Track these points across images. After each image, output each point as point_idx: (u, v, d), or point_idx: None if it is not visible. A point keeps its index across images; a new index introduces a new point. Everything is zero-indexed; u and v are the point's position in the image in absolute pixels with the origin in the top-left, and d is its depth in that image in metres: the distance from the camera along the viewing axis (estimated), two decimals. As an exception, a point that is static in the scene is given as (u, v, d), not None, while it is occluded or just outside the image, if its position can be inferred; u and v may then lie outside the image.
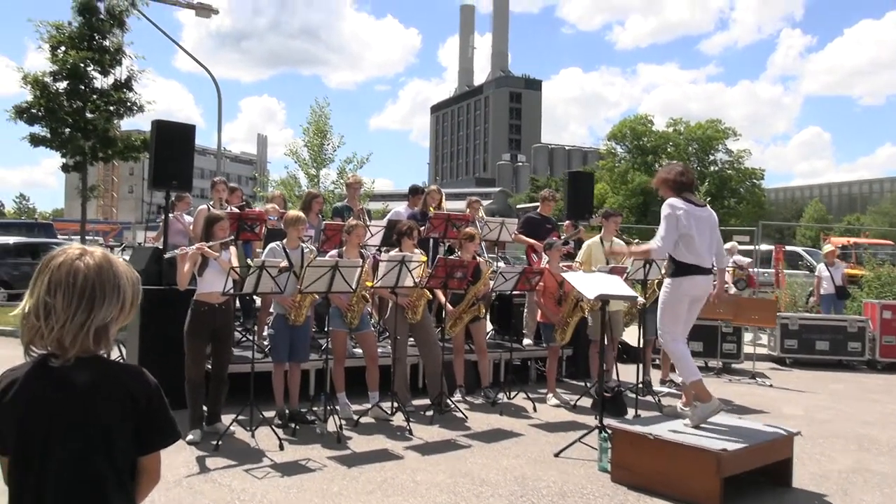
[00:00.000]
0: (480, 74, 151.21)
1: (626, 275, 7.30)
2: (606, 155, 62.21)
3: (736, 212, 53.26)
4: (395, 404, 6.80)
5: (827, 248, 13.29)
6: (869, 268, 15.10)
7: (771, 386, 9.50)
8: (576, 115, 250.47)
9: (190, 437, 5.78)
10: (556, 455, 5.70)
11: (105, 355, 1.81)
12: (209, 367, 6.20)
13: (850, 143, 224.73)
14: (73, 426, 1.73)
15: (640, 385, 8.26)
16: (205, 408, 6.07)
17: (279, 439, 5.77)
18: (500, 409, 7.30)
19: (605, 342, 6.04)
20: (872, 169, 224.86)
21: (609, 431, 5.35)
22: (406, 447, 5.88)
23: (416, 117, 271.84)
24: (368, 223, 8.38)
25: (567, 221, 9.61)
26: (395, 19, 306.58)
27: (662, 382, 8.90)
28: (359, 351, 7.44)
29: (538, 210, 9.41)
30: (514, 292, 7.95)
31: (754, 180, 58.78)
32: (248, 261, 6.53)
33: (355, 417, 6.63)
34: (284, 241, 6.52)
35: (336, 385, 6.88)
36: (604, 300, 5.67)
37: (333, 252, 6.88)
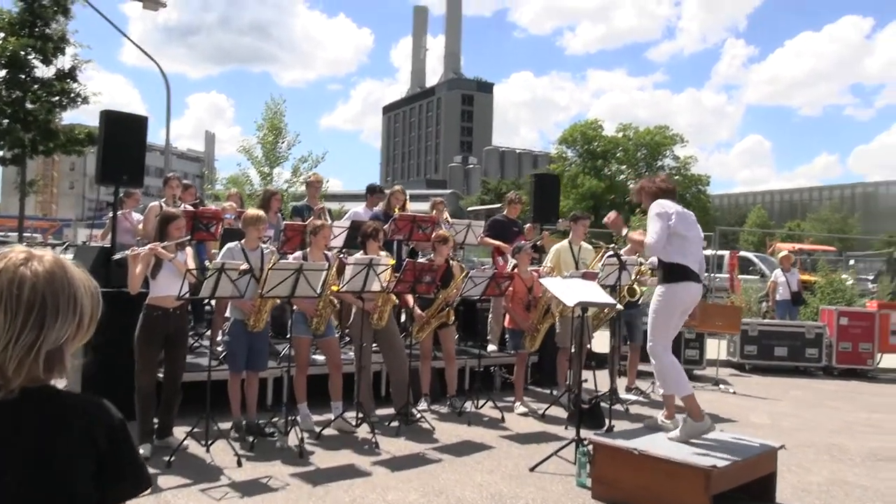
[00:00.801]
0: (433, 76, 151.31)
1: (597, 280, 7.12)
2: (557, 159, 62.68)
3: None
4: (360, 415, 6.47)
5: (782, 253, 13.41)
6: (821, 274, 15.32)
7: (734, 393, 9.46)
8: (526, 118, 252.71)
9: (140, 452, 5.35)
10: (532, 469, 5.45)
11: (57, 384, 1.47)
12: (161, 375, 5.78)
13: (789, 152, 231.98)
14: (18, 475, 1.38)
15: (609, 393, 8.13)
16: (156, 420, 5.65)
17: (237, 454, 5.38)
18: (467, 419, 7.02)
19: (580, 349, 5.83)
20: (810, 177, 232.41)
21: (588, 445, 5.13)
22: (373, 462, 5.56)
23: (367, 117, 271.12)
24: (329, 223, 8.02)
25: (528, 224, 9.40)
26: (348, 18, 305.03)
27: (628, 390, 8.75)
28: (319, 358, 7.09)
29: (504, 213, 9.18)
30: (479, 297, 7.71)
31: (700, 186, 59.87)
32: (207, 262, 6.11)
33: (317, 430, 6.28)
34: (243, 241, 6.13)
35: (297, 395, 6.51)
36: (584, 307, 5.44)
37: (297, 254, 6.52)
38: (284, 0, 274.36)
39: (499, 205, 8.99)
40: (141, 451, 5.27)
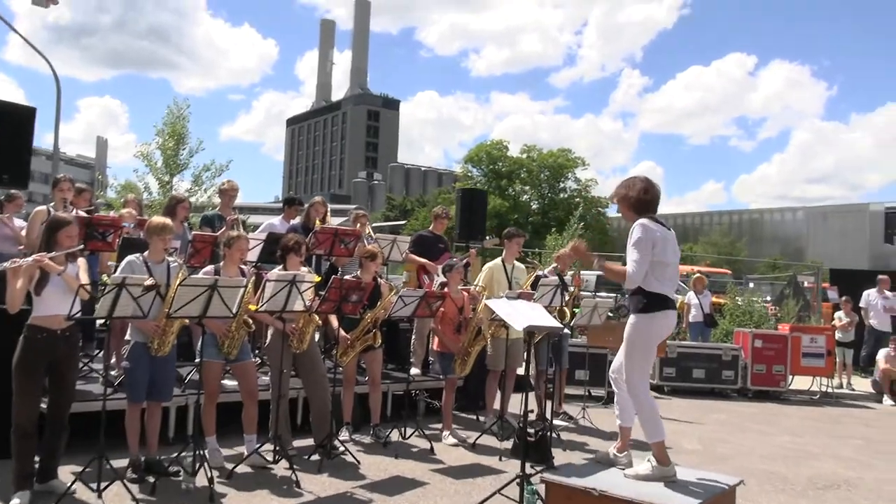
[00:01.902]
0: (338, 91, 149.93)
1: (532, 300, 6.73)
2: (462, 177, 63.01)
3: (584, 238, 55.46)
4: (276, 448, 5.78)
5: (695, 276, 13.54)
6: (731, 296, 15.61)
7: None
8: (431, 136, 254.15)
9: (15, 501, 4.52)
10: (473, 510, 4.95)
11: None
12: (45, 407, 4.94)
13: (679, 179, 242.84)
14: None
15: (539, 418, 7.76)
16: (37, 460, 4.81)
17: (134, 500, 4.62)
18: (394, 450, 6.46)
19: (533, 371, 5.39)
20: (699, 203, 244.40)
21: (536, 483, 4.69)
22: (296, 506, 4.92)
23: (270, 129, 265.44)
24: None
25: (472, 249, 8.92)
26: (253, 28, 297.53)
27: (556, 414, 8.39)
28: (229, 383, 6.37)
29: (430, 228, 8.69)
30: (409, 318, 7.20)
31: (600, 208, 61.46)
32: (103, 277, 5.30)
33: (229, 467, 5.57)
34: (146, 253, 5.39)
35: (206, 427, 5.78)
36: (531, 332, 5.02)
37: (209, 268, 5.81)
38: (186, 6, 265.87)
39: (403, 222, 8.48)
40: (16, 501, 4.47)
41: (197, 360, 5.80)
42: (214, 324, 5.53)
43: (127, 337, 5.63)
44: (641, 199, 4.73)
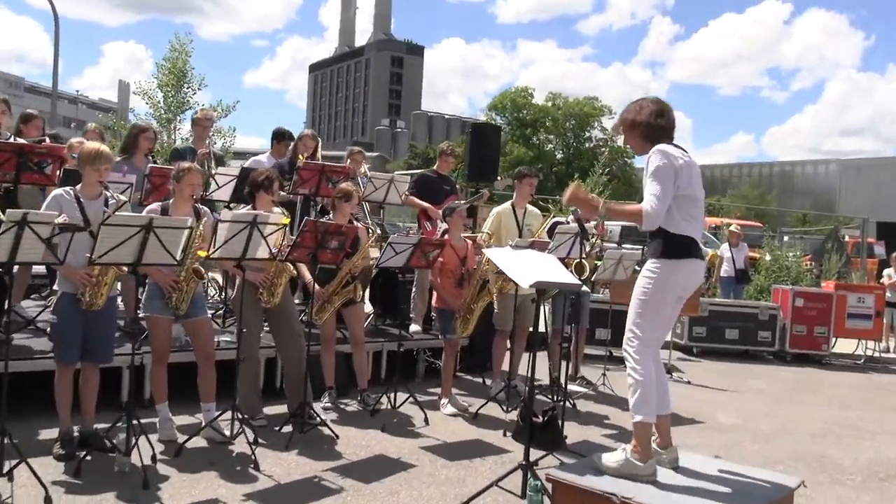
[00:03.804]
0: (362, 37, 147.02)
1: (548, 250, 5.73)
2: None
3: (609, 188, 54.10)
4: (239, 417, 4.88)
5: (732, 228, 12.41)
6: (767, 250, 14.46)
7: (689, 383, 8.31)
8: (456, 85, 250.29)
9: None
10: (465, 505, 4.04)
11: None
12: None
13: (708, 130, 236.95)
14: None
15: (551, 383, 6.84)
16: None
17: (43, 488, 3.74)
18: (381, 421, 5.56)
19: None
20: (727, 155, 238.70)
21: (540, 478, 3.76)
22: (245, 496, 4.03)
23: (293, 76, 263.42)
24: (213, 170, 6.35)
25: (485, 190, 7.83)
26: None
27: (572, 380, 7.45)
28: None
29: (435, 167, 7.64)
30: (401, 269, 6.24)
31: (626, 159, 59.81)
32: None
33: (180, 439, 4.71)
34: (79, 186, 4.45)
35: (155, 393, 4.92)
36: (541, 289, 4.03)
37: (154, 206, 4.85)
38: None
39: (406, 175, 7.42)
40: None
41: (141, 314, 4.89)
42: (158, 273, 4.62)
43: (55, 287, 4.72)
44: (653, 124, 3.68)
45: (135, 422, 4.25)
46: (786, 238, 19.89)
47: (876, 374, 10.12)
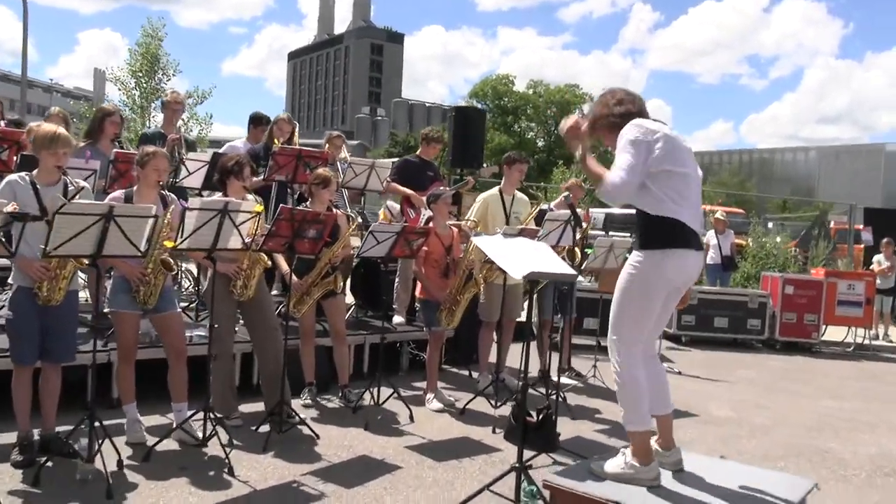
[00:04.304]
0: (341, 24, 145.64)
1: (537, 238, 5.47)
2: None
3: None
4: (212, 418, 4.58)
5: (718, 215, 12.23)
6: (753, 237, 14.30)
7: (679, 373, 8.10)
8: (436, 72, 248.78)
9: None
10: (453, 512, 3.78)
11: None
12: None
13: (687, 118, 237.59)
14: None
15: (541, 376, 6.61)
16: None
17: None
18: (364, 418, 5.28)
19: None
20: (706, 142, 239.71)
21: (535, 483, 3.51)
22: (219, 504, 3.76)
23: (272, 64, 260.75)
24: (182, 155, 6.02)
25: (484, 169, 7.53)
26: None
27: (562, 371, 7.18)
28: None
29: (418, 153, 7.34)
30: (384, 258, 5.95)
31: (602, 149, 59.64)
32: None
33: (149, 442, 4.41)
34: (35, 172, 4.12)
35: (122, 393, 4.61)
36: (535, 280, 3.76)
37: (117, 193, 4.53)
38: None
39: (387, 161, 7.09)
40: None
41: (107, 309, 4.57)
42: (124, 265, 4.30)
43: (10, 280, 4.38)
44: (615, 111, 3.40)
45: (98, 424, 3.95)
46: (770, 224, 19.79)
47: (867, 361, 9.99)
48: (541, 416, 3.93)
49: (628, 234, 13.60)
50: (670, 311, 3.70)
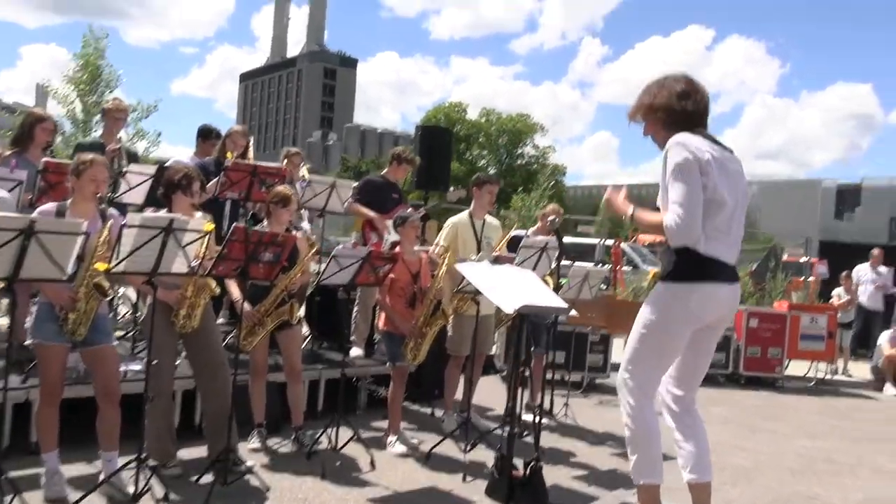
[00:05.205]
0: (295, 47, 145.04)
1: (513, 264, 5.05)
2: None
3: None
4: (147, 467, 3.99)
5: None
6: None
7: (650, 410, 7.72)
8: (389, 99, 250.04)
9: None
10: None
11: None
12: None
13: (635, 150, 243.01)
14: None
15: (508, 416, 6.14)
16: None
17: None
18: (320, 465, 4.73)
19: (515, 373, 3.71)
20: (653, 175, 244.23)
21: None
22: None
23: (223, 85, 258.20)
24: (123, 167, 5.45)
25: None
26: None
27: (529, 409, 6.76)
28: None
29: (383, 173, 6.87)
30: (347, 286, 5.45)
31: (558, 176, 60.30)
32: None
33: (71, 498, 3.80)
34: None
35: (42, 439, 3.98)
36: (528, 313, 3.33)
37: (47, 206, 3.95)
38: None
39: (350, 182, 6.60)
40: None
41: (30, 340, 3.96)
42: (50, 289, 3.73)
43: None
44: (675, 108, 3.05)
45: (9, 475, 3.35)
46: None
47: (829, 397, 9.82)
48: (528, 469, 3.47)
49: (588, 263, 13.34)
50: (710, 354, 3.33)
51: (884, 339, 10.76)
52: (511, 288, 3.35)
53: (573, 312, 4.86)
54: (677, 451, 3.40)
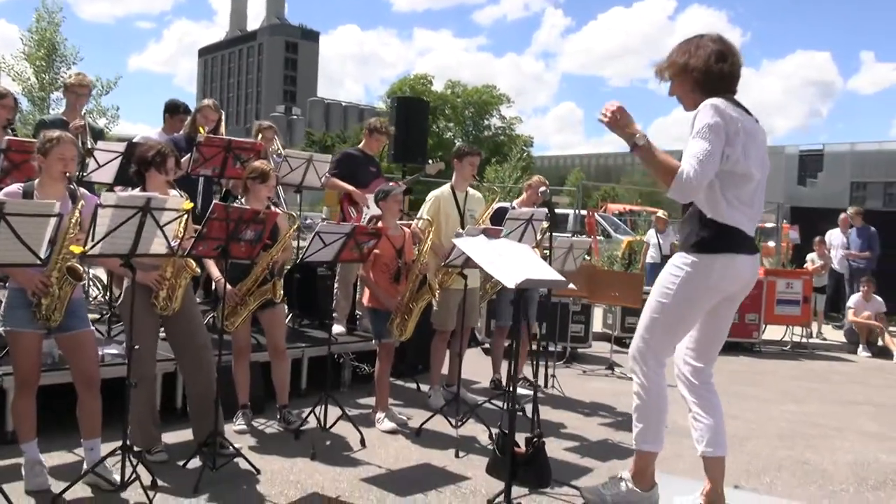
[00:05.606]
0: (254, 21, 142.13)
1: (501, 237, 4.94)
2: (385, 113, 60.57)
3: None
4: (131, 456, 3.84)
5: (660, 213, 12.07)
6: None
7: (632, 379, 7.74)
8: (352, 72, 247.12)
9: None
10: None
11: None
12: None
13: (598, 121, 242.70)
14: None
15: (496, 384, 6.15)
16: None
17: None
18: (309, 445, 4.63)
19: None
20: (618, 144, 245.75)
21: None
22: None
23: (182, 60, 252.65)
24: (90, 144, 5.21)
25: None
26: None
27: (511, 380, 6.70)
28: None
29: (360, 146, 6.71)
30: (331, 263, 5.32)
31: (524, 147, 60.23)
32: None
33: (54, 488, 3.64)
34: None
35: (20, 429, 3.81)
36: (526, 288, 3.23)
37: (12, 188, 3.74)
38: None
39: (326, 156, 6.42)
40: None
41: (1, 328, 3.76)
42: (20, 273, 3.53)
43: None
44: (712, 70, 2.95)
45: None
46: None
47: (806, 360, 9.95)
48: (531, 447, 3.39)
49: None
50: (728, 324, 3.28)
51: (851, 302, 10.94)
52: (510, 262, 3.25)
53: (571, 286, 4.77)
54: (693, 423, 3.35)
